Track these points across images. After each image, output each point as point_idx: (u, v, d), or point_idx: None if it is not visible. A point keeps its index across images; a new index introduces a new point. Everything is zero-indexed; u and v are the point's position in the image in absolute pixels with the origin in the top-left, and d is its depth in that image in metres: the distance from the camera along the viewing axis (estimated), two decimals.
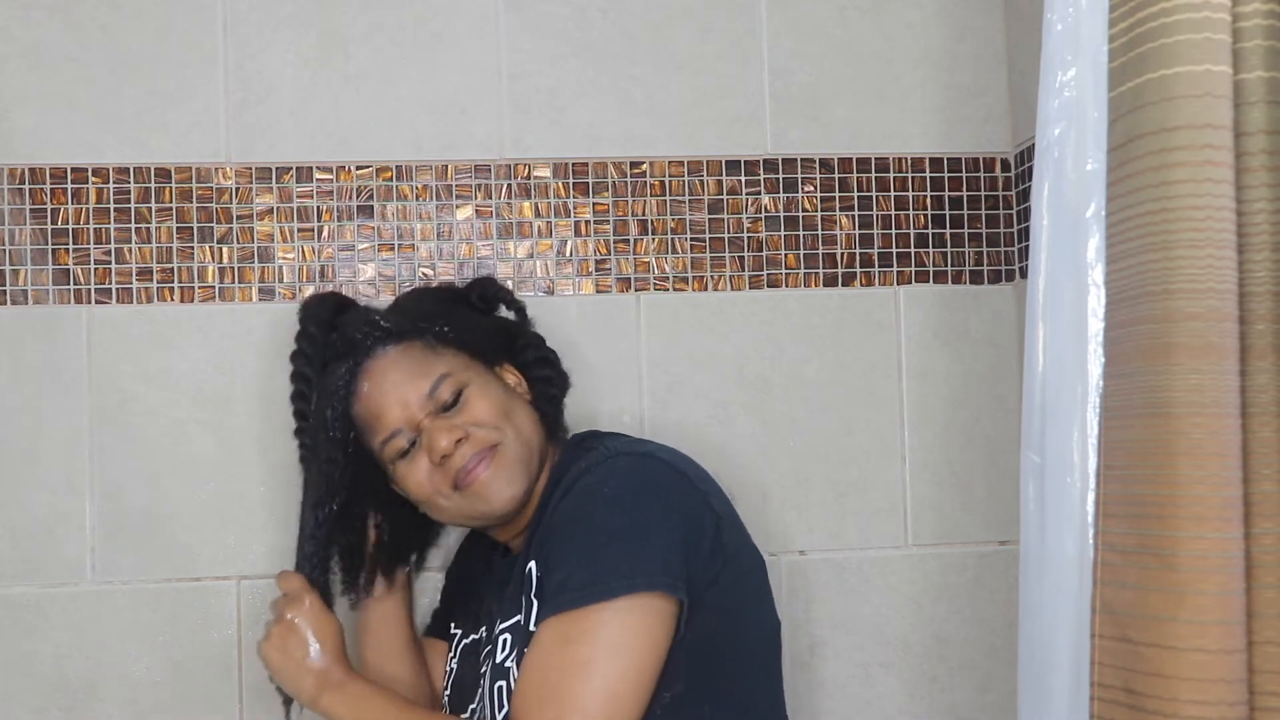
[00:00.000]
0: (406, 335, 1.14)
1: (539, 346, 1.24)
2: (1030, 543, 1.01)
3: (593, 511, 1.03)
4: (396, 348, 1.13)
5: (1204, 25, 0.88)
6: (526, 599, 1.06)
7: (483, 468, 1.09)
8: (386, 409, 1.11)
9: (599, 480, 1.05)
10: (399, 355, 1.13)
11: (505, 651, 1.08)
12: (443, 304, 1.21)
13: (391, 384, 1.11)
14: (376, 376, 1.12)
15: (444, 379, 1.11)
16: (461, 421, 1.10)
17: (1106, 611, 0.92)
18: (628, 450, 1.10)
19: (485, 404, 1.12)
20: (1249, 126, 0.90)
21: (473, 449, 1.09)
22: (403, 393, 1.11)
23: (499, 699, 1.07)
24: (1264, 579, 0.88)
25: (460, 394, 1.11)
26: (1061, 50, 1.00)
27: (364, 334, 1.13)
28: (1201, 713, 0.85)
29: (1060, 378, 0.99)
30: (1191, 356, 0.87)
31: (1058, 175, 1.01)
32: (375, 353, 1.13)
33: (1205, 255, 0.87)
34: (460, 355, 1.15)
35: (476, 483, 1.09)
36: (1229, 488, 0.87)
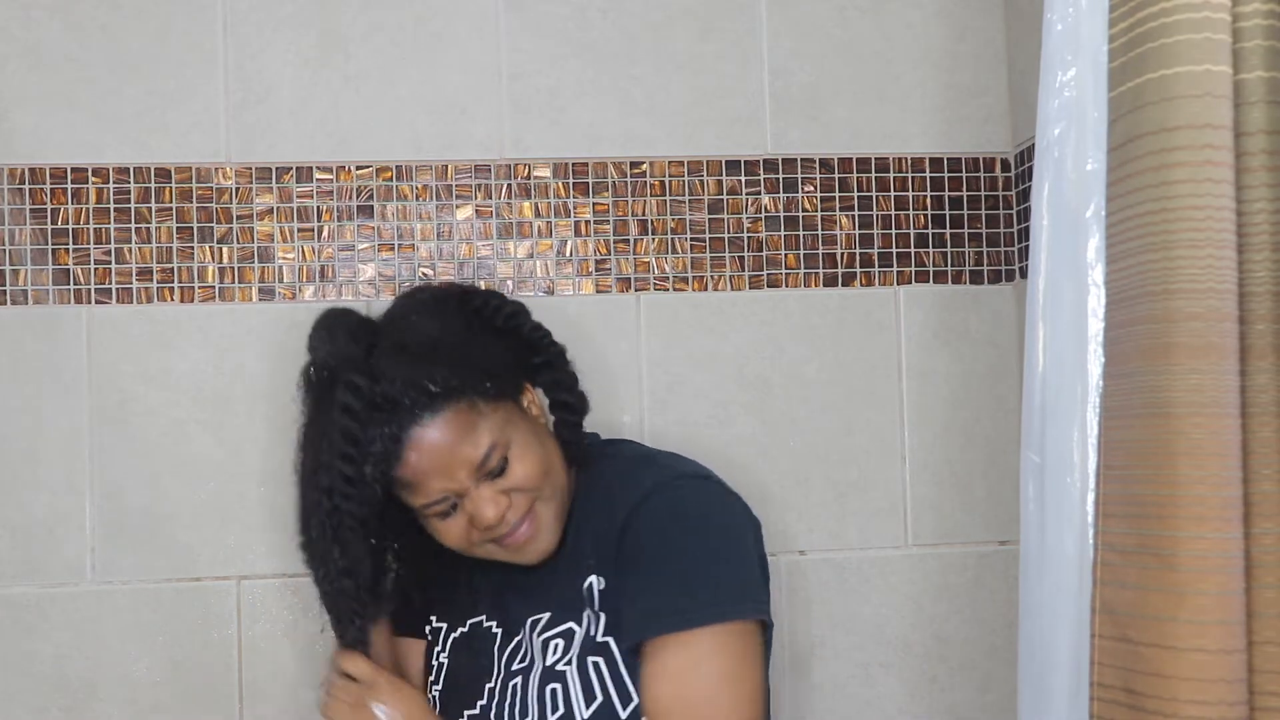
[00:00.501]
0: (453, 398, 1.05)
1: (559, 367, 1.18)
2: (1030, 543, 1.01)
3: (681, 538, 1.07)
4: (444, 414, 1.05)
5: (1204, 25, 0.88)
6: (591, 612, 1.10)
7: (525, 530, 1.10)
8: (433, 480, 1.06)
9: (673, 504, 1.09)
10: (446, 423, 1.05)
11: (557, 655, 1.10)
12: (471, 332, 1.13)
13: (440, 456, 1.05)
14: (425, 448, 1.04)
15: (493, 449, 1.07)
16: (507, 487, 1.08)
17: (1106, 611, 0.92)
18: (687, 472, 1.14)
19: (527, 465, 1.09)
20: (1249, 126, 0.90)
21: (515, 515, 1.09)
22: (451, 466, 1.06)
23: (552, 700, 1.09)
24: (1264, 579, 0.88)
25: (504, 453, 1.09)
26: (1061, 50, 1.00)
27: (411, 399, 1.04)
28: (1201, 713, 0.85)
29: (1060, 378, 0.99)
30: (1191, 356, 0.87)
31: (1058, 175, 1.01)
32: (423, 420, 1.04)
33: (1205, 255, 0.87)
34: (500, 407, 1.09)
35: (516, 544, 1.10)
36: (1229, 488, 0.87)
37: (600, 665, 1.09)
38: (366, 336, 1.08)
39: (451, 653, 1.20)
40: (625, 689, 1.08)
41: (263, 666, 1.42)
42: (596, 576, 1.11)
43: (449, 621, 1.21)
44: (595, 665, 1.09)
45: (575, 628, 1.11)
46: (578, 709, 1.08)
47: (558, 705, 1.09)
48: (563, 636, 1.11)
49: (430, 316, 1.13)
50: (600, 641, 1.09)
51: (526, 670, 1.12)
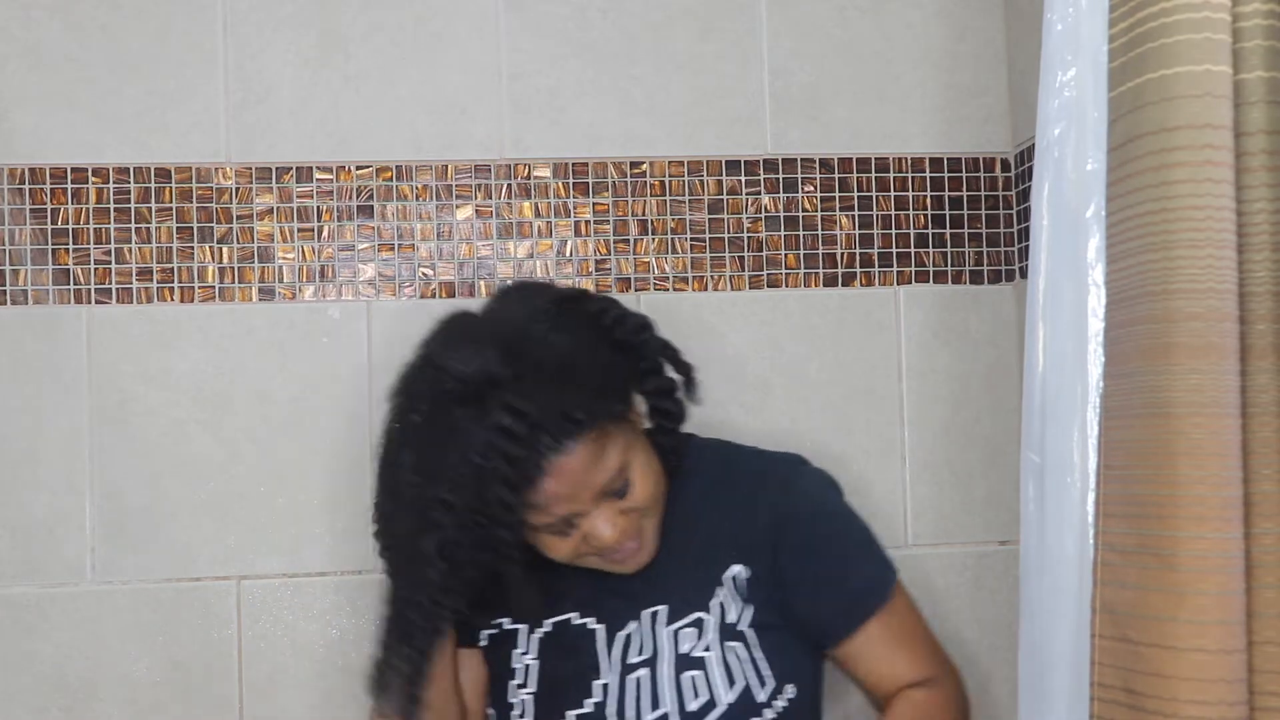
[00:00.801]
0: (591, 425, 1.05)
1: (661, 375, 1.16)
2: (1030, 543, 1.01)
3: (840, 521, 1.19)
4: (581, 441, 1.04)
5: (1204, 25, 0.88)
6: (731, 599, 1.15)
7: (631, 545, 1.12)
8: (561, 504, 1.06)
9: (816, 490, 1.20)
10: (583, 450, 1.04)
11: (691, 644, 1.14)
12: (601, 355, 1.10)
13: (571, 482, 1.05)
14: (561, 474, 1.04)
15: (619, 472, 1.08)
16: (626, 507, 1.09)
17: (1106, 611, 0.92)
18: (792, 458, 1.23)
19: (647, 485, 1.10)
20: (1249, 126, 0.90)
21: (628, 537, 1.10)
22: (580, 490, 1.06)
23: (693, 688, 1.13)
24: (1264, 579, 0.88)
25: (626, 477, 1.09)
26: (1061, 50, 1.00)
27: (555, 426, 1.02)
28: (1201, 713, 0.85)
29: (1060, 378, 0.99)
30: (1191, 356, 0.87)
31: (1058, 175, 1.01)
32: (564, 448, 1.03)
33: (1205, 255, 0.87)
34: (623, 428, 1.10)
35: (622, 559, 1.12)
36: (1229, 488, 0.87)
37: (739, 651, 1.13)
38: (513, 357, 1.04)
39: (541, 653, 1.18)
40: (762, 673, 1.13)
41: (263, 666, 1.42)
42: (741, 566, 1.15)
43: (526, 623, 1.19)
44: (734, 651, 1.14)
45: (705, 616, 1.14)
46: (720, 694, 1.12)
47: (698, 692, 1.12)
48: (694, 626, 1.14)
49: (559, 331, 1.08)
50: (741, 630, 1.14)
51: (651, 662, 1.14)
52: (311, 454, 1.44)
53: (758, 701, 1.13)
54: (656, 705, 1.13)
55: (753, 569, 1.15)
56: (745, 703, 1.12)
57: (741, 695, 1.12)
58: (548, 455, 1.02)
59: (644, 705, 1.13)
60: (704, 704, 1.12)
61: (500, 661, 1.21)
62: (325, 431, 1.44)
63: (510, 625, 1.21)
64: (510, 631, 1.20)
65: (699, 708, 1.12)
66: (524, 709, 1.17)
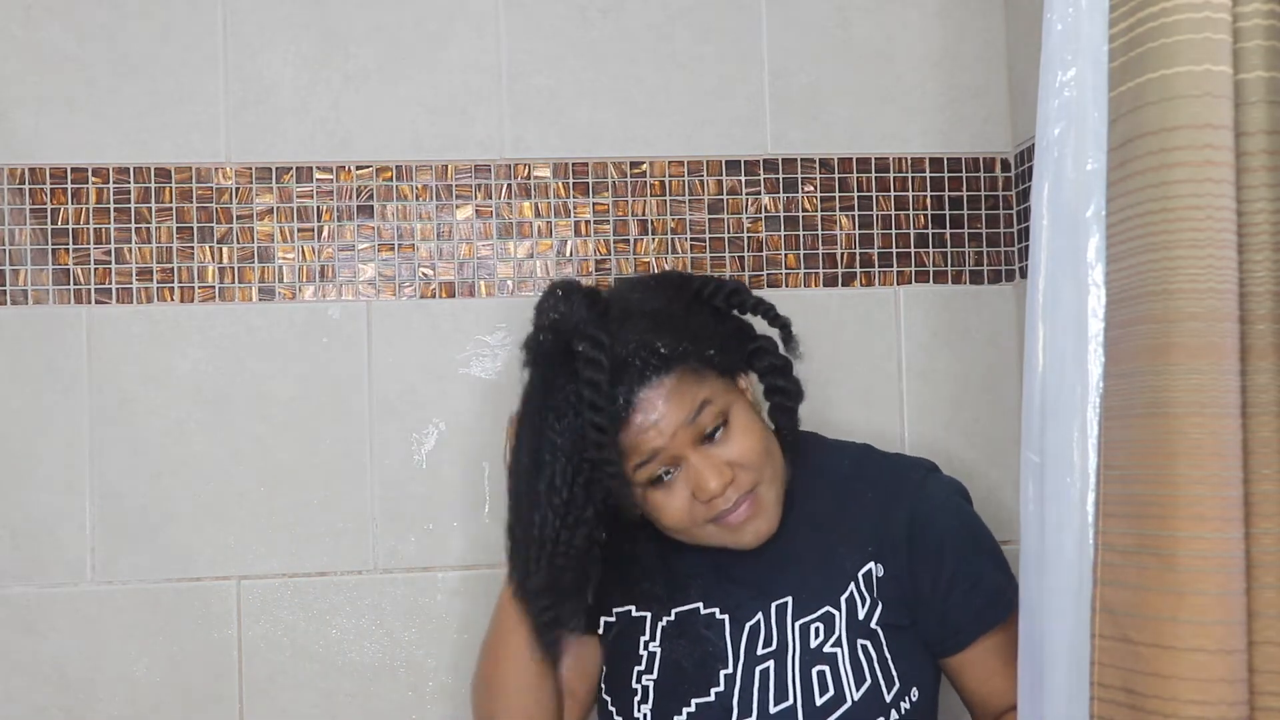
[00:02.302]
0: (679, 362, 1.09)
1: (774, 353, 1.19)
2: (1030, 543, 1.01)
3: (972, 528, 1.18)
4: (670, 376, 1.08)
5: (1204, 25, 0.88)
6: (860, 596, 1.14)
7: (746, 509, 1.11)
8: (649, 436, 1.08)
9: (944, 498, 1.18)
10: (671, 384, 1.08)
11: (820, 639, 1.13)
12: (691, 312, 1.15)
13: (659, 413, 1.07)
14: (648, 406, 1.07)
15: (705, 405, 1.09)
16: (728, 459, 1.09)
17: (1106, 611, 0.92)
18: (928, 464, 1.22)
19: (749, 441, 1.11)
20: (1249, 126, 0.89)
21: (737, 492, 1.10)
22: (668, 421, 1.07)
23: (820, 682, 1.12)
24: (1264, 579, 0.88)
25: (722, 423, 1.10)
26: (1061, 50, 1.00)
27: (642, 360, 1.07)
28: (1201, 713, 0.85)
29: (1060, 378, 0.99)
30: (1191, 356, 0.87)
31: (1058, 175, 1.00)
32: (650, 382, 1.07)
33: (1205, 255, 0.87)
34: (721, 379, 1.12)
35: (738, 525, 1.11)
36: (1229, 488, 0.87)
37: (869, 649, 1.13)
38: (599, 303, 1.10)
39: (665, 641, 1.18)
40: (890, 673, 1.12)
41: (263, 666, 1.42)
42: (875, 563, 1.15)
43: (651, 611, 1.19)
44: (864, 649, 1.12)
45: (834, 611, 1.14)
46: (848, 691, 1.11)
47: (826, 687, 1.11)
48: (822, 621, 1.14)
49: (653, 293, 1.15)
50: (872, 628, 1.13)
51: (779, 654, 1.13)
52: (311, 454, 1.44)
53: (885, 702, 1.11)
54: (783, 698, 1.12)
55: (886, 568, 1.14)
56: (872, 701, 1.11)
57: (869, 693, 1.11)
58: (636, 389, 1.06)
59: (770, 697, 1.12)
60: (831, 699, 1.11)
61: (623, 649, 1.20)
62: (325, 431, 1.44)
63: (637, 613, 1.20)
64: (637, 619, 1.20)
65: (825, 702, 1.11)
66: (646, 695, 1.17)
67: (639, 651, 1.19)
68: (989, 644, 1.15)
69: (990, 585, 1.15)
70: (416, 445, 1.45)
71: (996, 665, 1.15)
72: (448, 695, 1.44)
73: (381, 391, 1.45)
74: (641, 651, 1.19)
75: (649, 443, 1.08)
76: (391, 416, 1.45)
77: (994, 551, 1.18)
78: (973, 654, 1.15)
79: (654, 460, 1.09)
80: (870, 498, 1.18)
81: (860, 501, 1.18)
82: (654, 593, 1.19)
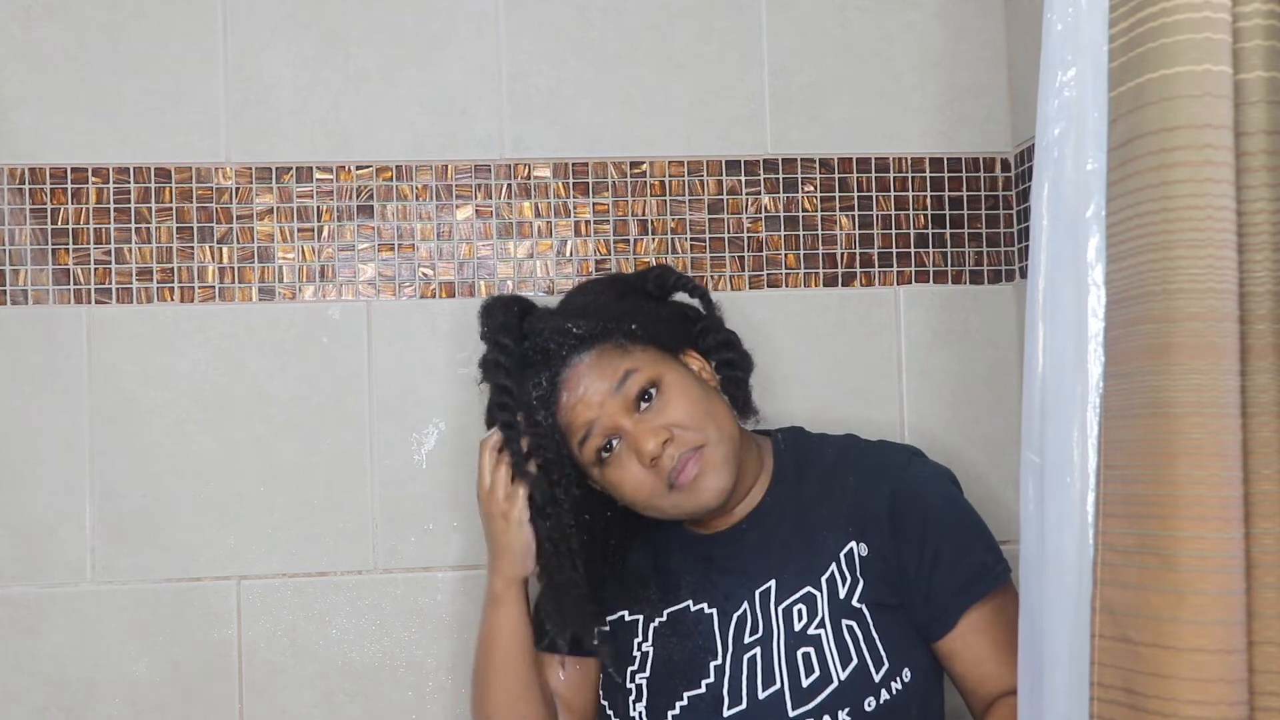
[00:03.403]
0: (598, 340, 1.16)
1: (719, 329, 1.25)
2: (1030, 543, 1.01)
3: (955, 507, 1.19)
4: (590, 354, 1.15)
5: (1204, 25, 0.88)
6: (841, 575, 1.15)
7: (692, 466, 1.13)
8: (580, 411, 1.14)
9: (931, 476, 1.20)
10: (591, 359, 1.15)
11: (804, 621, 1.14)
12: (623, 299, 1.22)
13: (584, 387, 1.14)
14: (573, 384, 1.14)
15: (631, 374, 1.14)
16: (665, 422, 1.13)
17: (1106, 611, 0.92)
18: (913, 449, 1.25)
19: (685, 404, 1.14)
20: (1249, 126, 0.89)
21: (679, 449, 1.12)
22: (592, 392, 1.13)
23: (805, 664, 1.12)
24: (1264, 579, 0.88)
25: (652, 389, 1.14)
26: (1061, 50, 1.00)
27: (558, 343, 1.15)
28: (1201, 713, 0.85)
29: (1060, 378, 0.99)
30: (1191, 356, 0.87)
31: (1058, 175, 1.00)
32: (570, 361, 1.15)
33: (1205, 255, 0.87)
34: (649, 350, 1.17)
35: (689, 481, 1.13)
36: (1229, 488, 0.87)
37: (854, 628, 1.13)
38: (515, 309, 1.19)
39: (656, 640, 1.20)
40: (877, 652, 1.12)
41: (263, 666, 1.42)
42: (857, 543, 1.16)
43: (644, 614, 1.22)
44: (849, 629, 1.13)
45: (815, 592, 1.15)
46: (834, 671, 1.11)
47: (812, 668, 1.12)
48: (804, 602, 1.15)
49: (583, 292, 1.26)
50: (855, 606, 1.14)
51: (764, 640, 1.14)
52: (311, 454, 1.44)
53: (874, 682, 1.11)
54: (770, 683, 1.12)
55: (871, 546, 1.15)
56: (859, 681, 1.11)
57: (856, 673, 1.11)
58: (557, 371, 1.14)
59: (758, 683, 1.13)
60: (817, 680, 1.11)
61: (616, 655, 1.22)
62: (325, 431, 1.44)
63: (630, 616, 1.22)
64: (630, 623, 1.22)
65: (812, 684, 1.11)
66: (640, 693, 1.19)
67: (632, 653, 1.21)
68: (975, 622, 1.14)
69: (974, 561, 1.15)
70: (416, 445, 1.45)
71: (985, 647, 1.14)
72: (448, 695, 1.44)
73: (381, 391, 1.45)
74: (635, 653, 1.21)
75: (580, 416, 1.13)
76: (391, 416, 1.45)
77: (978, 529, 1.19)
78: (960, 633, 1.14)
79: (592, 434, 1.13)
80: (853, 481, 1.19)
81: (843, 485, 1.19)
82: (647, 596, 1.22)
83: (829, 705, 1.10)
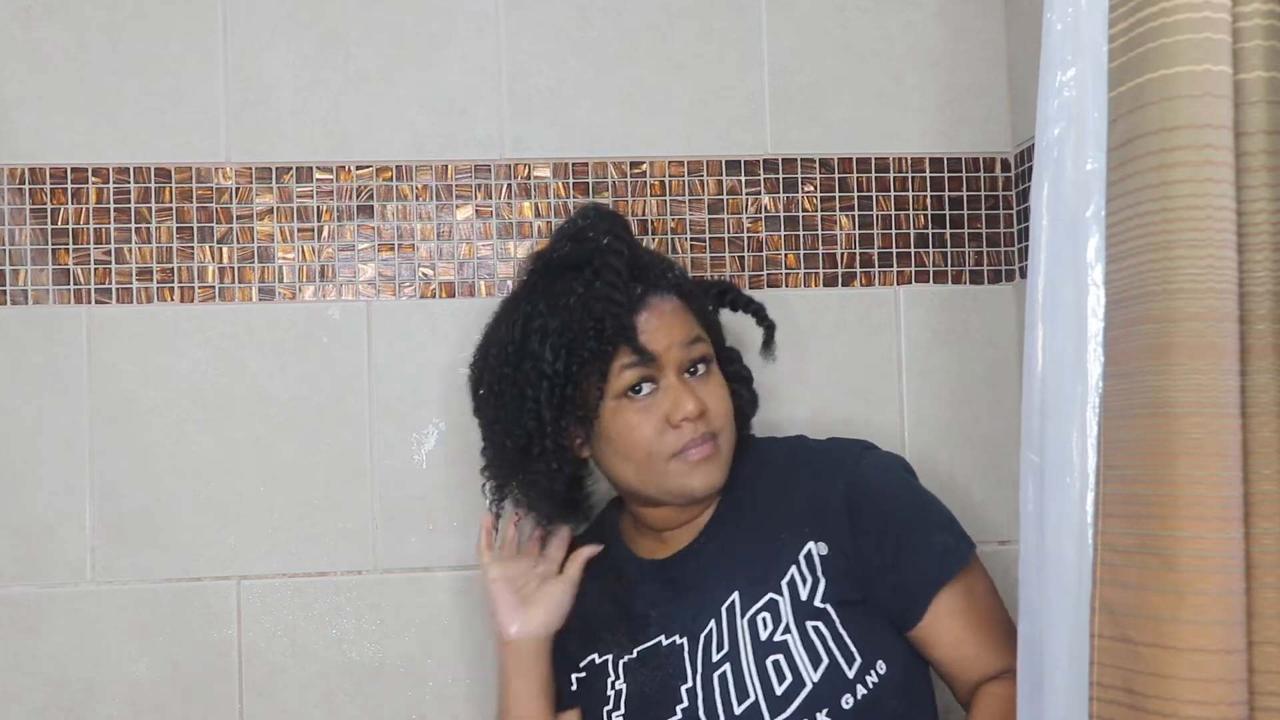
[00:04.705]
0: (687, 296, 1.21)
1: (739, 361, 1.30)
2: (1030, 543, 1.01)
3: (912, 493, 1.20)
4: (678, 301, 1.19)
5: (1204, 25, 0.88)
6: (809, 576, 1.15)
7: (708, 447, 1.16)
8: (648, 337, 1.15)
9: (889, 467, 1.21)
10: (678, 304, 1.19)
11: (770, 628, 1.14)
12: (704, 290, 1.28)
13: (663, 321, 1.17)
14: (655, 311, 1.17)
15: (699, 341, 1.19)
16: (704, 397, 1.16)
17: (1106, 611, 0.92)
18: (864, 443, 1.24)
19: (723, 395, 1.19)
20: (1249, 126, 0.89)
21: (705, 427, 1.16)
22: (668, 331, 1.16)
23: (777, 672, 1.12)
24: (1264, 579, 0.88)
25: (703, 366, 1.19)
26: (1061, 50, 1.00)
27: (659, 271, 1.19)
28: (1201, 713, 0.85)
29: (1060, 378, 0.99)
30: (1191, 356, 0.87)
31: (1058, 175, 1.00)
32: (662, 293, 1.18)
33: (1205, 255, 0.87)
34: (710, 340, 1.22)
35: (697, 460, 1.15)
36: (1229, 488, 0.87)
37: (820, 629, 1.13)
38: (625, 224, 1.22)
39: (628, 676, 1.19)
40: (847, 649, 1.12)
41: (263, 666, 1.42)
42: (815, 542, 1.16)
43: (614, 653, 1.21)
44: (816, 629, 1.13)
45: (777, 598, 1.15)
46: (806, 675, 1.11)
47: (784, 675, 1.12)
48: (768, 610, 1.14)
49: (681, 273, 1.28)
50: (818, 606, 1.13)
51: (733, 655, 1.14)
52: (311, 454, 1.44)
53: (848, 678, 1.11)
54: (744, 696, 1.12)
55: (830, 544, 1.15)
56: (834, 680, 1.11)
57: (829, 673, 1.11)
58: (647, 290, 1.17)
59: (731, 699, 1.12)
60: (790, 686, 1.11)
61: (593, 695, 1.22)
62: (325, 431, 1.44)
63: (600, 659, 1.22)
64: (601, 664, 1.22)
65: (786, 690, 1.11)
66: None
67: (607, 692, 1.20)
68: (947, 605, 1.14)
69: (938, 546, 1.16)
70: (416, 445, 1.45)
71: (961, 630, 1.14)
72: (447, 695, 1.44)
73: (381, 391, 1.45)
74: (609, 692, 1.20)
75: (646, 342, 1.14)
76: (391, 416, 1.45)
77: (937, 512, 1.19)
78: (932, 619, 1.14)
79: (641, 364, 1.14)
80: (806, 481, 1.19)
81: (797, 486, 1.20)
82: (617, 640, 1.22)
83: (806, 709, 1.10)
